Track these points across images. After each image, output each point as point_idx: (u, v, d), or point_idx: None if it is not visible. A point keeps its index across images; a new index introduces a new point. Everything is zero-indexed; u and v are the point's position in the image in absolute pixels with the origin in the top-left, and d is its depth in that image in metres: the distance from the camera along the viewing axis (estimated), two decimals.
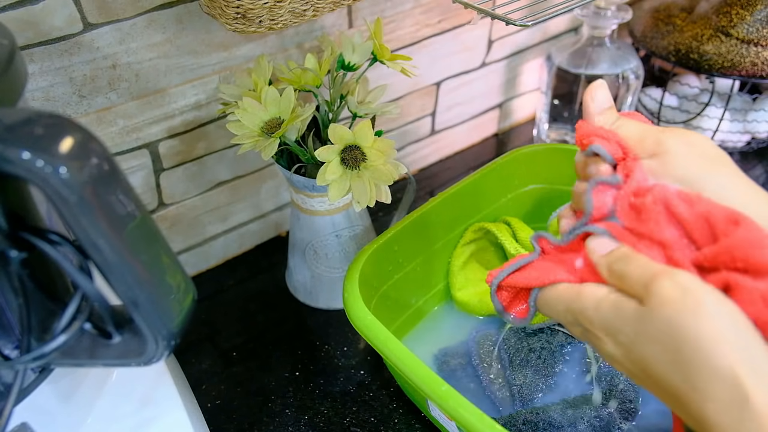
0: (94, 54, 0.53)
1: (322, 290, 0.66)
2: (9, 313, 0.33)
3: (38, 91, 0.52)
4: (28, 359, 0.32)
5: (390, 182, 0.52)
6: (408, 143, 0.83)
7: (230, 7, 0.47)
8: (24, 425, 0.38)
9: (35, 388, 0.38)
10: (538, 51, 0.90)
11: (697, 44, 0.79)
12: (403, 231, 0.58)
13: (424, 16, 0.73)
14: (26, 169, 0.25)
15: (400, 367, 0.45)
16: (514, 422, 0.52)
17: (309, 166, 0.57)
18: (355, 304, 0.49)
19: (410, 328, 0.62)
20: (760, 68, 0.77)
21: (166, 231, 0.67)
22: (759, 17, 0.77)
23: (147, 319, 0.30)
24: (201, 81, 0.60)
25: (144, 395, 0.45)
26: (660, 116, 0.87)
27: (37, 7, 0.48)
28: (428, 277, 0.63)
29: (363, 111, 0.57)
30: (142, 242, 0.29)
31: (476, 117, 0.89)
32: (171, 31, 0.56)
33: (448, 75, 0.81)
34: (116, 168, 0.27)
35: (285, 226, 0.77)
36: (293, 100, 0.53)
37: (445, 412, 0.43)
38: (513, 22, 0.55)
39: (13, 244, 0.29)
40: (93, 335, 0.33)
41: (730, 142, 0.86)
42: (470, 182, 0.63)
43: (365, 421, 0.56)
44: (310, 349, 0.63)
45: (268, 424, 0.56)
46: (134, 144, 0.59)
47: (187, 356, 0.62)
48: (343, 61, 0.58)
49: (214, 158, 0.66)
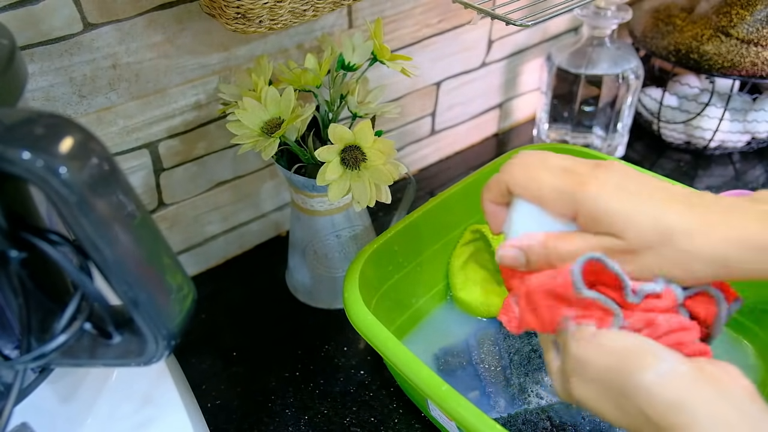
0: (94, 54, 0.53)
1: (322, 290, 0.66)
2: (9, 313, 0.33)
3: (38, 91, 0.52)
4: (28, 359, 0.32)
5: (390, 182, 0.52)
6: (408, 143, 0.83)
7: (230, 7, 0.47)
8: (24, 425, 0.38)
9: (35, 388, 0.38)
10: (538, 51, 0.90)
11: (697, 44, 0.79)
12: (403, 231, 0.58)
13: (424, 16, 0.73)
14: (26, 169, 0.25)
15: (400, 367, 0.45)
16: (514, 422, 0.52)
17: (309, 166, 0.57)
18: (355, 304, 0.49)
19: (410, 328, 0.62)
20: (760, 68, 0.77)
21: (166, 231, 0.67)
22: (759, 17, 0.77)
23: (147, 319, 0.30)
24: (201, 81, 0.60)
25: (144, 395, 0.45)
26: (660, 116, 0.87)
27: (37, 7, 0.48)
28: (428, 277, 0.63)
29: (363, 111, 0.57)
30: (142, 242, 0.29)
31: (476, 117, 0.89)
32: (171, 31, 0.56)
33: (448, 75, 0.81)
34: (116, 168, 0.27)
35: (285, 226, 0.77)
36: (293, 100, 0.53)
37: (445, 412, 0.43)
38: (513, 22, 0.55)
39: (13, 244, 0.29)
40: (93, 335, 0.33)
41: (730, 142, 0.86)
42: (470, 182, 0.63)
43: (365, 421, 0.56)
44: (310, 349, 0.63)
45: (268, 424, 0.56)
46: (134, 144, 0.59)
47: (187, 356, 0.62)
48: (343, 61, 0.58)
49: (214, 158, 0.66)
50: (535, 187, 0.37)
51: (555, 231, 0.37)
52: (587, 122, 0.85)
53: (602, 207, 0.34)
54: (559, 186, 0.36)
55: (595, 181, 0.35)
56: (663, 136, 0.89)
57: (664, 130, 0.88)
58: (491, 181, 0.40)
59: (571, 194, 0.35)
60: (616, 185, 0.35)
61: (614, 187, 0.34)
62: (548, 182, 0.36)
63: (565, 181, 0.36)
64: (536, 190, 0.37)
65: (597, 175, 0.35)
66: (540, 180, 0.37)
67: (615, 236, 0.34)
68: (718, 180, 0.84)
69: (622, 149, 0.87)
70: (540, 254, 0.37)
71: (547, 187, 0.36)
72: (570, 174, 0.36)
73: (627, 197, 0.34)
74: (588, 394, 0.34)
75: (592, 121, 0.85)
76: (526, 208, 0.38)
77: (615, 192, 0.34)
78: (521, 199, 0.38)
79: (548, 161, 0.37)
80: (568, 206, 0.36)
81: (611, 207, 0.34)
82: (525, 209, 0.38)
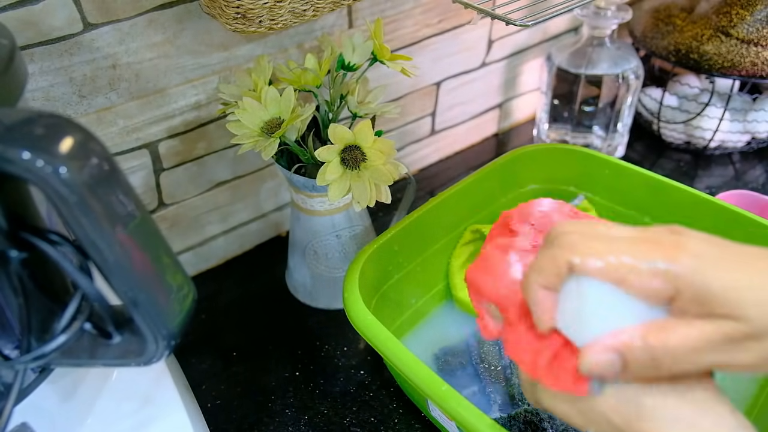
0: (94, 54, 0.53)
1: (322, 290, 0.66)
2: (9, 313, 0.33)
3: (38, 91, 0.52)
4: (28, 359, 0.32)
5: (390, 182, 0.52)
6: (408, 143, 0.83)
7: (230, 7, 0.47)
8: (24, 425, 0.38)
9: (35, 388, 0.38)
10: (538, 51, 0.90)
11: (697, 44, 0.79)
12: (403, 231, 0.58)
13: (424, 16, 0.73)
14: (26, 169, 0.25)
15: (400, 367, 0.45)
16: (514, 422, 0.52)
17: (309, 166, 0.57)
18: (355, 304, 0.49)
19: (410, 328, 0.62)
20: (760, 68, 0.77)
21: (166, 231, 0.67)
22: (759, 17, 0.77)
23: (147, 319, 0.30)
24: (201, 81, 0.60)
25: (144, 395, 0.45)
26: (660, 116, 0.87)
27: (37, 7, 0.48)
28: (428, 277, 0.63)
29: (363, 111, 0.57)
30: (142, 242, 0.29)
31: (476, 117, 0.89)
32: (171, 31, 0.56)
33: (448, 75, 0.81)
34: (116, 168, 0.27)
35: (285, 226, 0.77)
36: (293, 100, 0.53)
37: (445, 412, 0.43)
38: (513, 22, 0.55)
39: (13, 244, 0.29)
40: (93, 335, 0.33)
41: (730, 142, 0.86)
42: (470, 182, 0.63)
43: (365, 421, 0.56)
44: (310, 349, 0.63)
45: (268, 424, 0.56)
46: (134, 144, 0.59)
47: (187, 356, 0.62)
48: (343, 61, 0.58)
49: (214, 158, 0.66)
50: (615, 262, 0.29)
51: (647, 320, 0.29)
52: (587, 122, 0.85)
53: (709, 282, 0.27)
54: (647, 257, 0.28)
55: (684, 249, 0.28)
56: (663, 136, 0.89)
57: (664, 130, 0.88)
58: (543, 260, 0.31)
59: (666, 268, 0.28)
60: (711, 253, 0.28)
61: (713, 257, 0.28)
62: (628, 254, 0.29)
63: (648, 250, 0.29)
64: (617, 266, 0.29)
65: (680, 243, 0.29)
66: (617, 252, 0.29)
67: (733, 319, 0.27)
68: (718, 180, 0.84)
69: (622, 149, 0.87)
70: (644, 355, 0.28)
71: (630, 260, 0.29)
72: (644, 242, 0.29)
73: (732, 268, 0.28)
74: (555, 407, 0.34)
75: (592, 121, 0.85)
76: (599, 292, 0.29)
77: (717, 263, 0.28)
78: (588, 280, 0.30)
79: (609, 230, 0.31)
80: (665, 284, 0.28)
81: (721, 282, 0.27)
82: (598, 293, 0.29)
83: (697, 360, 0.28)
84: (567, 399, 0.32)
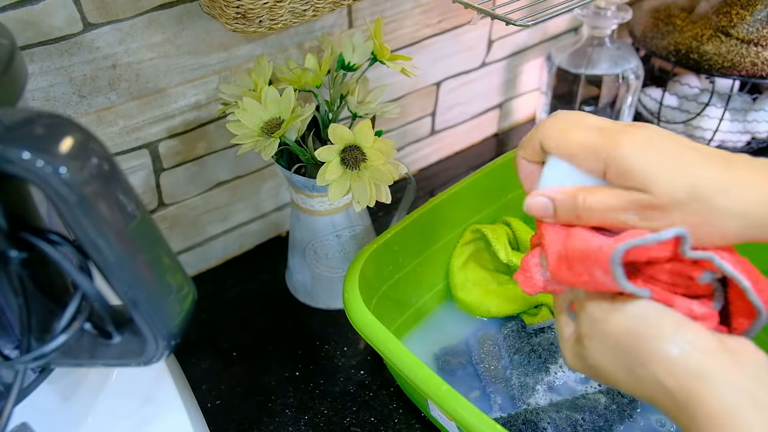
0: (94, 54, 0.53)
1: (322, 290, 0.66)
2: (9, 313, 0.33)
3: (38, 91, 0.52)
4: (28, 359, 0.32)
5: (390, 182, 0.52)
6: (408, 143, 0.83)
7: (230, 7, 0.47)
8: (24, 425, 0.38)
9: (35, 388, 0.38)
10: (538, 51, 0.90)
11: (697, 44, 0.79)
12: (403, 231, 0.58)
13: (424, 16, 0.73)
14: (26, 169, 0.25)
15: (400, 367, 0.45)
16: (514, 422, 0.52)
17: (309, 166, 0.57)
18: (355, 304, 0.49)
19: (410, 328, 0.62)
20: (760, 68, 0.77)
21: (166, 231, 0.67)
22: (759, 17, 0.77)
23: (147, 319, 0.30)
24: (201, 81, 0.60)
25: (144, 395, 0.45)
26: (660, 116, 0.87)
27: (37, 7, 0.48)
28: (428, 277, 0.63)
29: (363, 111, 0.57)
30: (142, 242, 0.29)
31: (476, 117, 0.89)
32: (171, 31, 0.56)
33: (448, 75, 0.81)
34: (116, 168, 0.27)
35: (285, 226, 0.77)
36: (293, 100, 0.53)
37: (445, 412, 0.43)
38: (513, 22, 0.55)
39: (13, 244, 0.29)
40: (93, 335, 0.33)
41: (730, 142, 0.86)
42: (470, 182, 0.63)
43: (365, 421, 0.56)
44: (310, 349, 0.63)
45: (268, 424, 0.56)
46: (134, 144, 0.59)
47: (187, 356, 0.62)
48: (343, 61, 0.58)
49: (214, 158, 0.66)
50: (567, 144, 0.37)
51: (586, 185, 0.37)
52: None
53: (632, 162, 0.34)
54: (591, 143, 0.36)
55: (627, 137, 0.35)
56: None
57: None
58: (525, 139, 0.40)
59: (602, 150, 0.35)
60: (648, 141, 0.34)
61: (645, 143, 0.34)
62: (581, 139, 0.36)
63: (598, 138, 0.36)
64: (569, 147, 0.37)
65: (629, 132, 0.35)
66: (573, 137, 0.37)
67: (644, 191, 0.33)
68: None
69: None
70: (568, 205, 0.36)
71: (580, 143, 0.36)
72: (603, 132, 0.36)
73: (658, 153, 0.34)
74: (602, 359, 0.34)
75: None
76: (558, 165, 0.38)
77: (646, 147, 0.34)
78: (554, 157, 0.38)
79: (584, 120, 0.37)
80: (598, 162, 0.35)
81: (641, 162, 0.34)
82: (557, 166, 0.38)
83: (609, 217, 0.35)
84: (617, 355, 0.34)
